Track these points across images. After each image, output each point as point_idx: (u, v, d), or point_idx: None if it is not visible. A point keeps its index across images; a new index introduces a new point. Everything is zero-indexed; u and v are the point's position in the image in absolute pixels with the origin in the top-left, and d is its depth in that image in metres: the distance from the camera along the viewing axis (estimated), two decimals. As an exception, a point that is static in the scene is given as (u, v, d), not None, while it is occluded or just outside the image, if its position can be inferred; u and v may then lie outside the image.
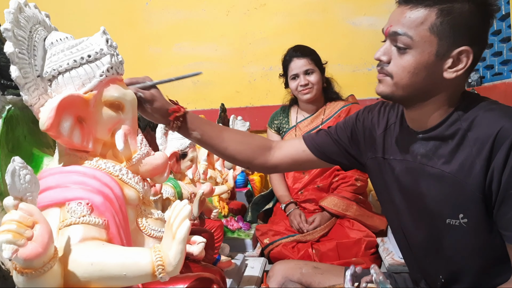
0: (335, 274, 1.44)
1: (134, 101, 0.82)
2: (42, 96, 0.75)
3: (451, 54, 0.97)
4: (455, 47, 0.96)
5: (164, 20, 3.35)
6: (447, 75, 0.99)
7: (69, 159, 0.76)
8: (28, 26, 0.74)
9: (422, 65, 0.99)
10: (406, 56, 1.00)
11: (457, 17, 0.95)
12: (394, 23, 1.02)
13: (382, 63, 1.05)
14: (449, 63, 0.98)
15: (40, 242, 0.56)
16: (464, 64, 0.97)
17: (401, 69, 1.01)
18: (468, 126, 0.99)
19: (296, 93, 2.29)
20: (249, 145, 1.31)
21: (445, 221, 1.04)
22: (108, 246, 0.67)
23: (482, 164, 0.95)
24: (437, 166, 1.04)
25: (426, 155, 1.07)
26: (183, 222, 0.64)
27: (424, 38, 0.97)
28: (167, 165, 0.85)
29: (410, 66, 1.00)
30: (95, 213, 0.69)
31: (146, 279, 0.65)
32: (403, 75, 1.01)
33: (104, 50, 0.77)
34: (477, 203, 0.98)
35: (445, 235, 1.07)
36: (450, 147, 1.02)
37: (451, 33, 0.96)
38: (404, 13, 1.00)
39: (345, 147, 1.29)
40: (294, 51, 2.27)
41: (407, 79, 1.01)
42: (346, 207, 2.07)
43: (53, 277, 0.61)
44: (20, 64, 0.70)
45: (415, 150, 1.10)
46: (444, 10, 0.95)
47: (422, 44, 0.98)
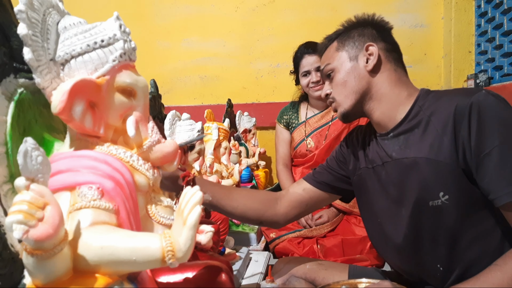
0: (339, 270, 1.45)
1: (146, 88, 0.82)
2: (54, 80, 0.74)
3: (361, 53, 1.20)
4: (361, 48, 1.20)
5: (173, 15, 3.35)
6: (368, 68, 1.18)
7: (80, 144, 0.76)
8: (41, 9, 0.74)
9: (346, 73, 1.21)
10: (335, 78, 1.23)
11: (350, 34, 1.23)
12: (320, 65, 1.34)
13: (328, 96, 1.28)
14: (364, 59, 1.19)
15: (51, 224, 0.56)
16: (375, 54, 1.18)
17: (336, 88, 1.23)
18: (430, 112, 1.11)
19: (307, 90, 2.28)
20: (257, 200, 1.39)
21: (428, 204, 1.09)
22: (118, 230, 0.67)
23: (449, 139, 1.05)
24: (411, 155, 1.12)
25: (399, 149, 1.16)
26: (194, 208, 0.64)
27: (337, 57, 1.23)
28: (177, 153, 0.85)
29: (340, 80, 1.22)
30: (105, 197, 0.69)
31: (156, 265, 0.65)
32: (340, 90, 1.22)
33: (117, 35, 0.76)
34: (455, 177, 1.05)
35: (431, 220, 1.11)
36: (418, 135, 1.12)
37: (351, 42, 1.22)
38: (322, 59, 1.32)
39: (338, 172, 1.40)
40: (306, 48, 2.27)
41: (343, 90, 1.21)
42: (353, 203, 2.06)
43: (63, 259, 0.61)
44: (33, 46, 0.70)
45: (389, 149, 1.19)
46: (341, 37, 1.25)
47: (337, 61, 1.23)
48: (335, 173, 1.40)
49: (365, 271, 1.45)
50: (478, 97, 1.02)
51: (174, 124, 1.49)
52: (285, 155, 2.43)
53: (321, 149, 2.27)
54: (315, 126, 2.32)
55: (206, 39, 3.33)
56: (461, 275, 1.09)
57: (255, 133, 2.92)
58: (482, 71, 2.52)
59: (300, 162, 2.37)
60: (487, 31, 2.53)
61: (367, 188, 1.29)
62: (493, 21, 2.45)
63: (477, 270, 1.03)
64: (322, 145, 2.27)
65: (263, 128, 3.21)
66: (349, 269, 1.45)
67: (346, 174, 1.39)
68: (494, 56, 2.44)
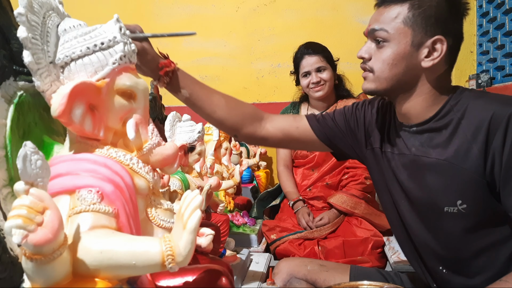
0: (340, 272, 1.44)
1: (146, 90, 0.82)
2: (54, 83, 0.74)
3: (426, 43, 1.04)
4: (429, 37, 1.04)
5: (174, 15, 3.35)
6: (424, 64, 1.05)
7: (79, 147, 0.76)
8: (41, 11, 0.73)
9: (400, 56, 1.05)
10: (384, 50, 1.07)
11: (427, 9, 1.03)
12: (373, 23, 1.10)
13: (364, 60, 1.13)
14: (425, 52, 1.04)
15: (50, 228, 0.56)
16: (439, 52, 1.04)
17: (381, 62, 1.08)
18: (461, 115, 1.03)
19: (307, 91, 2.27)
20: (239, 112, 1.28)
21: (443, 209, 1.06)
22: (118, 234, 0.66)
23: (479, 148, 0.98)
24: (433, 156, 1.07)
25: (420, 146, 1.10)
26: (194, 212, 0.64)
27: (398, 30, 1.05)
28: (177, 155, 0.85)
29: (389, 58, 1.06)
30: (105, 201, 0.68)
31: (156, 269, 0.64)
32: (383, 67, 1.08)
33: (117, 38, 0.76)
34: (477, 187, 1.00)
35: (443, 223, 1.08)
36: (445, 136, 1.05)
37: (423, 24, 1.03)
38: (380, 13, 1.09)
39: (341, 131, 1.31)
40: (306, 48, 2.26)
41: (387, 71, 1.07)
42: (355, 204, 2.06)
43: (62, 264, 0.60)
44: (33, 49, 0.69)
45: (409, 143, 1.13)
46: (415, 4, 1.03)
47: (397, 36, 1.05)
48: (338, 130, 1.32)
49: (367, 272, 1.45)
50: None
51: (174, 125, 1.49)
52: (286, 156, 2.43)
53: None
54: None
55: (207, 39, 3.33)
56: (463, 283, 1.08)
57: (256, 133, 2.91)
58: (484, 71, 2.51)
59: (301, 163, 2.37)
60: (489, 31, 2.52)
61: (381, 169, 1.23)
62: (494, 21, 2.45)
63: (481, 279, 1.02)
64: None
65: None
66: (350, 270, 1.44)
67: (348, 136, 1.32)
68: (496, 56, 2.44)
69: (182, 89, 1.17)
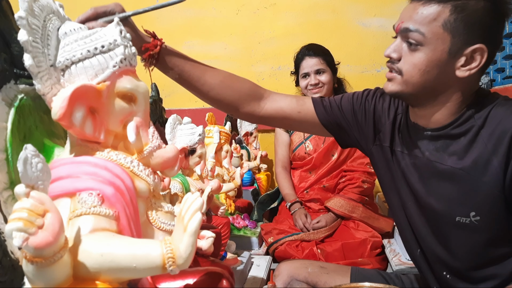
0: (341, 274, 1.44)
1: (147, 93, 0.82)
2: (55, 86, 0.74)
3: (465, 52, 0.95)
4: (469, 45, 0.94)
5: (174, 18, 3.35)
6: (459, 74, 0.96)
7: (80, 150, 0.76)
8: (42, 15, 0.73)
9: (434, 63, 0.96)
10: (417, 54, 0.98)
11: (471, 14, 0.93)
12: (406, 19, 1.00)
13: (392, 60, 1.03)
14: (462, 61, 0.95)
15: (51, 231, 0.56)
16: (478, 62, 0.95)
17: (411, 66, 0.99)
18: (482, 123, 0.97)
19: (305, 92, 2.28)
20: (237, 91, 1.23)
21: (455, 219, 1.02)
22: (119, 237, 0.66)
23: (500, 161, 0.93)
24: (448, 163, 1.01)
25: (435, 151, 1.04)
26: (194, 214, 0.64)
27: (436, 35, 0.95)
28: (178, 158, 0.85)
29: (421, 63, 0.97)
30: (106, 204, 0.68)
31: (156, 272, 0.64)
32: (414, 72, 0.99)
33: (117, 41, 0.76)
34: (494, 201, 0.95)
35: (452, 232, 1.04)
36: (462, 144, 0.99)
37: (465, 30, 0.93)
38: (416, 9, 0.98)
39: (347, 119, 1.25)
40: (307, 50, 2.27)
41: (418, 77, 0.98)
42: (352, 208, 2.06)
43: (63, 267, 0.60)
44: (33, 52, 0.70)
45: (423, 146, 1.07)
46: (458, 6, 0.93)
47: (434, 41, 0.95)
48: (345, 121, 1.25)
49: (368, 274, 1.44)
50: None
51: (175, 128, 1.49)
52: (284, 157, 2.43)
53: (319, 153, 2.27)
54: None
55: (207, 42, 3.33)
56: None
57: (257, 136, 2.91)
58: (485, 73, 2.51)
59: (298, 165, 2.37)
60: (489, 33, 2.52)
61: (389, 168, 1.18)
62: (494, 24, 2.45)
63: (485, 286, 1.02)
64: (321, 148, 2.27)
65: (265, 131, 3.21)
66: (351, 272, 1.44)
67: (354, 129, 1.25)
68: (496, 59, 2.44)
69: (171, 70, 1.12)
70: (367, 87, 2.47)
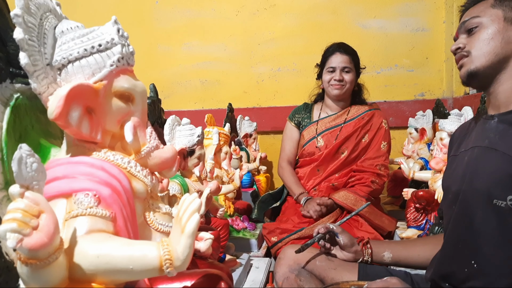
0: (348, 270, 1.42)
1: (144, 93, 0.81)
2: (51, 85, 0.73)
3: None
4: None
5: (174, 19, 3.35)
6: None
7: (77, 150, 0.75)
8: (38, 13, 0.73)
9: (496, 31, 1.09)
10: (479, 32, 1.12)
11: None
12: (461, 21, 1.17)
13: (459, 50, 1.16)
14: None
15: (45, 232, 0.55)
16: None
17: (477, 42, 1.12)
18: None
19: (326, 86, 2.29)
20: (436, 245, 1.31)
21: (492, 201, 1.04)
22: (115, 238, 0.65)
23: None
24: (501, 148, 1.06)
25: (493, 137, 1.10)
26: (192, 216, 0.63)
27: (489, 13, 1.11)
28: (176, 159, 0.84)
29: (484, 36, 1.11)
30: (102, 205, 0.68)
31: (153, 274, 0.63)
32: (481, 45, 1.11)
33: (115, 40, 0.75)
34: None
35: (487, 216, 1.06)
36: None
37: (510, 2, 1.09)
38: (466, 13, 1.17)
39: None
40: (338, 47, 2.30)
41: (485, 47, 1.11)
42: (355, 202, 2.06)
43: (58, 268, 0.59)
44: (29, 51, 0.69)
45: (485, 134, 1.13)
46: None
47: (489, 17, 1.11)
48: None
49: (375, 270, 1.42)
50: None
51: (174, 129, 1.48)
52: (291, 152, 2.43)
53: (330, 149, 2.26)
54: (327, 126, 2.32)
55: (206, 43, 3.33)
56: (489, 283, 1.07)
57: (256, 138, 2.91)
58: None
59: (306, 162, 2.36)
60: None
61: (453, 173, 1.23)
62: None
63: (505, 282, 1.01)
64: (332, 145, 2.27)
65: (264, 133, 3.20)
66: (358, 268, 1.42)
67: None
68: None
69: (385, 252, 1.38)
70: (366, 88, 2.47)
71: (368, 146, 2.27)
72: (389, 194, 2.71)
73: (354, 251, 1.43)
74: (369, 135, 2.27)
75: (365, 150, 2.27)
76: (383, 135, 2.27)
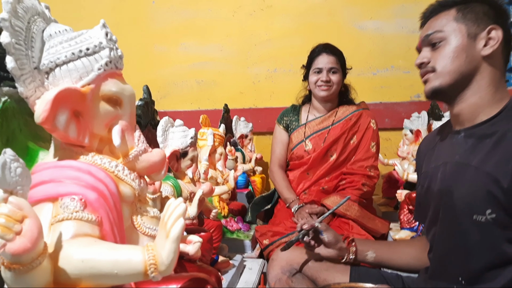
0: (340, 271, 1.43)
1: (133, 96, 0.81)
2: (38, 89, 0.73)
3: (481, 34, 1.08)
4: (482, 28, 1.09)
5: (170, 19, 3.35)
6: (484, 52, 1.08)
7: (64, 154, 0.75)
8: (26, 16, 0.73)
9: (460, 48, 1.10)
10: (442, 48, 1.12)
11: (474, 7, 1.10)
12: (424, 32, 1.17)
13: (423, 65, 1.16)
14: (482, 42, 1.08)
15: (29, 237, 0.55)
16: (496, 39, 1.08)
17: (441, 58, 1.12)
18: (508, 128, 1.03)
19: (313, 87, 2.28)
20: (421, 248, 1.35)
21: (472, 216, 1.05)
22: (100, 243, 0.65)
23: None
24: (472, 163, 1.07)
25: (464, 153, 1.11)
26: (177, 221, 0.63)
27: (452, 28, 1.11)
28: (164, 162, 0.84)
29: (448, 53, 1.10)
30: (88, 209, 0.68)
31: (138, 278, 0.63)
32: (445, 62, 1.11)
33: (103, 43, 0.75)
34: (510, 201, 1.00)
35: (469, 232, 1.07)
36: (488, 146, 1.05)
37: (474, 18, 1.09)
38: (428, 25, 1.17)
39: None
40: (324, 48, 2.29)
41: (449, 65, 1.10)
42: (347, 206, 2.05)
43: (42, 273, 0.60)
44: (16, 55, 0.69)
45: (455, 150, 1.14)
46: (461, 6, 1.11)
47: (453, 32, 1.11)
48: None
49: (367, 272, 1.43)
50: None
51: (167, 130, 1.48)
52: (281, 156, 2.42)
53: (318, 152, 2.26)
54: (315, 129, 2.31)
55: (203, 44, 3.32)
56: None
57: (252, 139, 2.91)
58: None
59: (295, 165, 2.35)
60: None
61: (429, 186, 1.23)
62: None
63: None
64: (320, 148, 2.26)
65: (260, 134, 3.20)
66: (350, 271, 1.43)
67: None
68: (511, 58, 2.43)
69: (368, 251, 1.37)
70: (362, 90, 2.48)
71: (357, 147, 2.25)
72: (383, 195, 2.70)
73: (339, 248, 1.43)
74: (358, 136, 2.26)
75: (354, 152, 2.26)
76: (371, 135, 2.26)
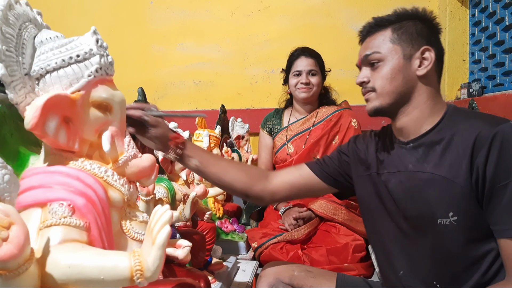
0: (327, 279, 1.44)
1: (123, 102, 0.82)
2: (29, 95, 0.74)
3: (416, 55, 1.15)
4: (416, 49, 1.16)
5: (168, 20, 3.35)
6: (419, 73, 1.15)
7: (54, 159, 0.76)
8: (17, 23, 0.73)
9: (396, 70, 1.16)
10: (381, 69, 1.17)
11: (408, 28, 1.17)
12: (363, 52, 1.22)
13: (364, 85, 1.22)
14: (417, 63, 1.15)
15: (15, 244, 0.55)
16: (429, 60, 1.15)
17: (380, 79, 1.17)
18: (453, 132, 1.11)
19: (293, 90, 2.31)
20: (247, 173, 1.38)
21: (437, 221, 1.10)
22: (87, 248, 0.66)
23: (467, 163, 1.05)
24: (427, 170, 1.12)
25: (416, 162, 1.15)
26: (163, 227, 0.64)
27: (389, 49, 1.17)
28: (154, 167, 0.85)
29: (387, 74, 1.16)
30: (76, 214, 0.68)
31: (124, 284, 0.64)
32: (384, 83, 1.17)
33: (93, 50, 0.76)
34: (468, 201, 1.06)
35: (436, 238, 1.11)
36: (439, 151, 1.12)
37: (408, 39, 1.16)
38: (367, 43, 1.22)
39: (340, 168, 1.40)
40: (302, 51, 2.33)
41: (388, 85, 1.16)
42: (335, 211, 2.07)
43: (29, 279, 0.60)
44: (6, 62, 0.69)
45: (406, 160, 1.18)
46: (396, 26, 1.17)
47: (389, 53, 1.16)
48: (338, 168, 1.40)
49: (353, 281, 1.45)
50: (504, 128, 1.02)
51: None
52: (267, 160, 2.46)
53: (300, 154, 2.28)
54: (296, 131, 2.34)
55: (201, 44, 3.33)
56: None
57: (248, 140, 2.90)
58: (476, 80, 2.51)
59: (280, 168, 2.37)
60: (481, 40, 2.53)
61: (378, 192, 1.27)
62: (486, 31, 2.45)
63: None
64: (302, 150, 2.28)
65: (257, 135, 3.20)
66: (337, 278, 1.44)
67: (348, 172, 1.39)
68: (487, 66, 2.44)
69: (192, 158, 1.28)
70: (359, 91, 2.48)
71: None
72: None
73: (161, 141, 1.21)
74: (339, 137, 2.28)
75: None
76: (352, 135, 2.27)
